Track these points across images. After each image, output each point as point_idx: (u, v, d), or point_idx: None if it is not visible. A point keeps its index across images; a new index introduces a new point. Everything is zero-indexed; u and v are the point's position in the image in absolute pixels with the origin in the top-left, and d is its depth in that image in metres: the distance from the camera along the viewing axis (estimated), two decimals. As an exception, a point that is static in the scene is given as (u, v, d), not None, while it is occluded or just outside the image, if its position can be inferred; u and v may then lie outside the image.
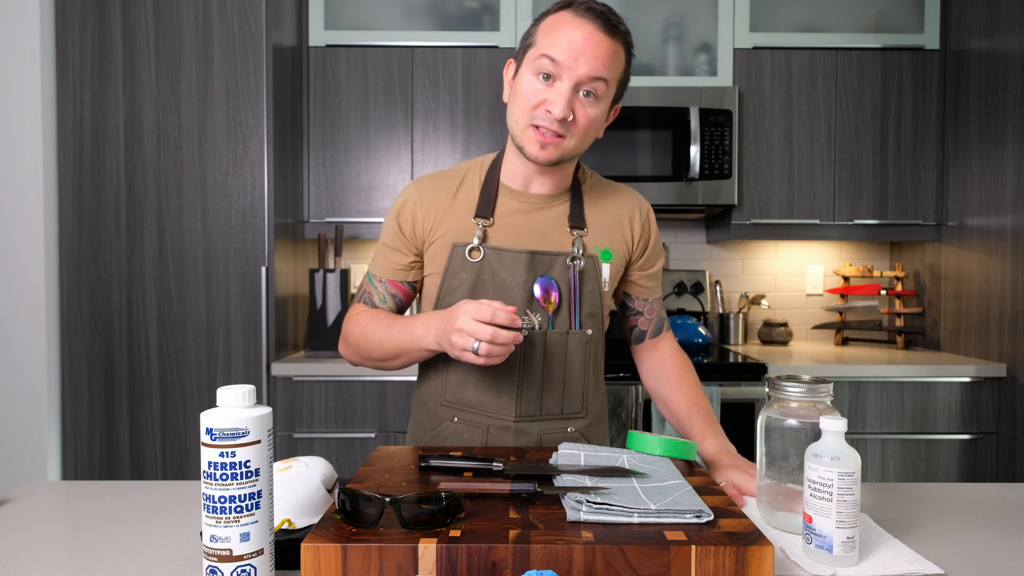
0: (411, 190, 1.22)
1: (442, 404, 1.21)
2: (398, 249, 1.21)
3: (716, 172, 2.51)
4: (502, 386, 1.16)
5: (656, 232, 1.28)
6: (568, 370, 1.19)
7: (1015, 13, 2.26)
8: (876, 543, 0.85)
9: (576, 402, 1.21)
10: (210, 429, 0.68)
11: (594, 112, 1.09)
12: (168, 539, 0.89)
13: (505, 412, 1.17)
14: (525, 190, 1.19)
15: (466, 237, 1.17)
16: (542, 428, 1.18)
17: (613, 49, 1.07)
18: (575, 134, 1.09)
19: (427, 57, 2.56)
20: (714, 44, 2.61)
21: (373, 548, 0.69)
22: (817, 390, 0.86)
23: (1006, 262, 2.30)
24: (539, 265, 1.16)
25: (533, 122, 1.08)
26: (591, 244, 1.20)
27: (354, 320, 1.21)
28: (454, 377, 1.19)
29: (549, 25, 1.09)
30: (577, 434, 1.21)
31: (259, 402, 2.21)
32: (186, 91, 2.25)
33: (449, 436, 1.20)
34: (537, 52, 1.08)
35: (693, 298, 2.86)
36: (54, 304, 2.24)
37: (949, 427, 2.34)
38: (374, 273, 1.24)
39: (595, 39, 1.05)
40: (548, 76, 1.07)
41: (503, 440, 1.17)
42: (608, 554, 0.69)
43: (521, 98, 1.09)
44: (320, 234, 2.56)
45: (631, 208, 1.25)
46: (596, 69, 1.05)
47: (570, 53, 1.04)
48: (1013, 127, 2.27)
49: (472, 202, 1.19)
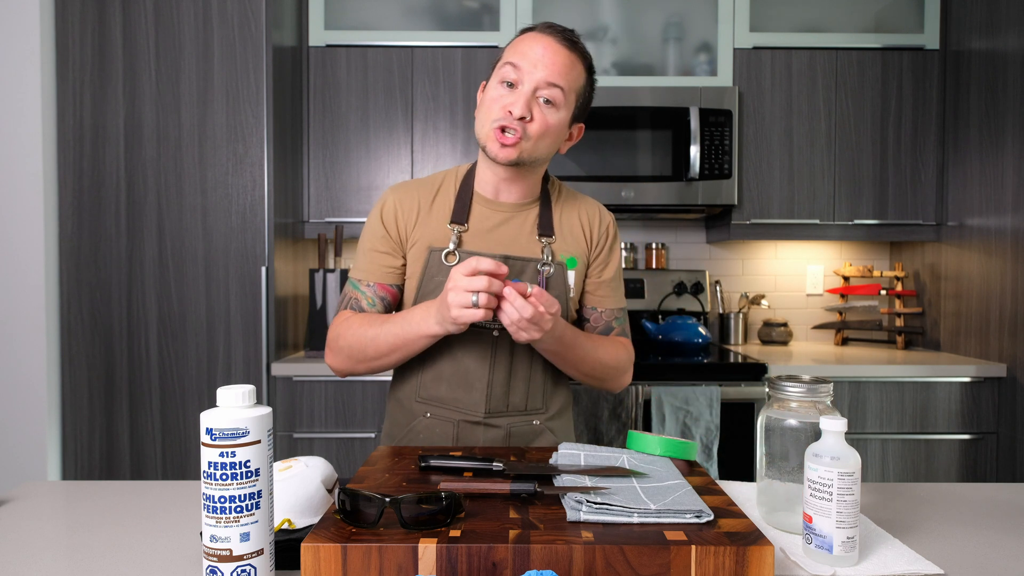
0: (390, 194, 1.27)
1: (416, 400, 1.26)
2: (387, 252, 1.25)
3: (716, 172, 2.51)
4: (473, 383, 1.22)
5: (614, 245, 1.33)
6: (532, 370, 1.26)
7: (1015, 13, 2.26)
8: (876, 543, 0.85)
9: (537, 399, 1.28)
10: (210, 429, 0.68)
11: (552, 119, 1.17)
12: (168, 539, 0.89)
13: (475, 408, 1.23)
14: (495, 198, 1.26)
15: (442, 242, 1.23)
16: (509, 422, 1.25)
17: (570, 61, 1.17)
18: (532, 136, 1.16)
19: (427, 57, 2.56)
20: (714, 44, 2.61)
21: (373, 548, 0.69)
22: (817, 390, 0.87)
23: (1006, 262, 2.30)
24: (512, 269, 1.21)
25: (495, 125, 1.15)
26: (558, 251, 1.26)
27: (344, 325, 1.23)
28: (429, 375, 1.25)
29: (515, 42, 1.20)
30: (542, 427, 1.28)
31: (259, 402, 2.22)
32: (186, 91, 2.25)
33: (422, 431, 1.25)
34: (502, 62, 1.19)
35: (693, 298, 2.86)
36: (54, 304, 2.24)
37: (949, 427, 2.34)
38: (359, 278, 1.26)
39: (553, 49, 1.15)
40: (511, 84, 1.16)
41: (473, 433, 1.24)
42: (608, 554, 0.69)
43: (487, 105, 1.18)
44: (320, 234, 2.56)
45: (591, 217, 1.31)
46: (553, 75, 1.14)
47: (529, 60, 1.15)
48: (1013, 127, 2.27)
49: (448, 209, 1.25)
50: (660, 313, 2.84)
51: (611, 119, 2.50)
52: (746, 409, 2.29)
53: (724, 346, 2.84)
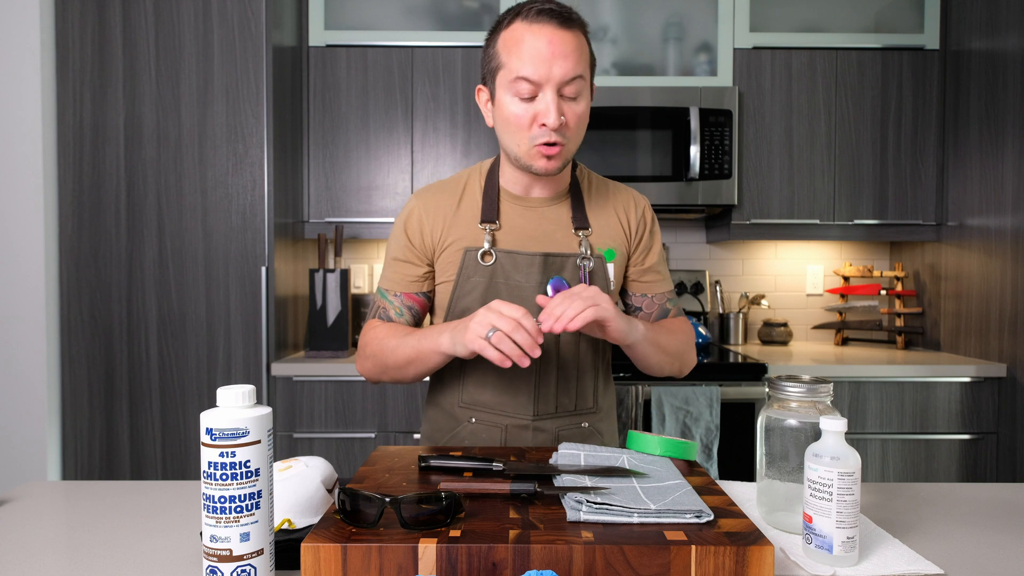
0: (414, 202, 1.23)
1: (459, 406, 1.23)
2: (410, 261, 1.22)
3: (716, 172, 2.51)
4: (519, 386, 1.19)
5: (653, 229, 1.28)
6: (580, 368, 1.22)
7: (1015, 13, 2.26)
8: (876, 543, 0.85)
9: (588, 398, 1.24)
10: (210, 429, 0.68)
11: (580, 108, 1.11)
12: (168, 539, 0.89)
13: (523, 411, 1.19)
14: (526, 195, 1.22)
15: (476, 242, 1.18)
16: (558, 425, 1.21)
17: (577, 43, 1.08)
18: (571, 136, 1.12)
19: (427, 57, 2.56)
20: (714, 44, 2.61)
21: (373, 548, 0.69)
22: (817, 390, 0.87)
23: (1006, 262, 2.30)
24: (552, 267, 1.18)
25: (535, 142, 1.10)
26: (595, 244, 1.22)
27: (372, 332, 1.22)
28: (471, 380, 1.21)
29: (508, 41, 1.09)
30: (591, 429, 1.24)
31: (259, 402, 2.22)
32: (186, 91, 2.25)
33: (468, 437, 1.22)
34: (509, 75, 1.08)
35: (693, 298, 2.86)
36: (54, 304, 2.24)
37: (949, 427, 2.34)
38: (387, 288, 1.25)
39: (558, 39, 1.06)
40: (530, 95, 1.08)
41: (522, 438, 1.20)
42: (608, 554, 0.69)
43: (513, 124, 1.11)
44: (320, 234, 2.56)
45: (627, 205, 1.26)
46: (570, 70, 1.07)
47: (541, 65, 1.05)
48: (1013, 127, 2.27)
49: (476, 208, 1.21)
50: (660, 313, 2.83)
51: (611, 119, 2.50)
52: (746, 409, 2.29)
53: (724, 346, 2.84)
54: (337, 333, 2.44)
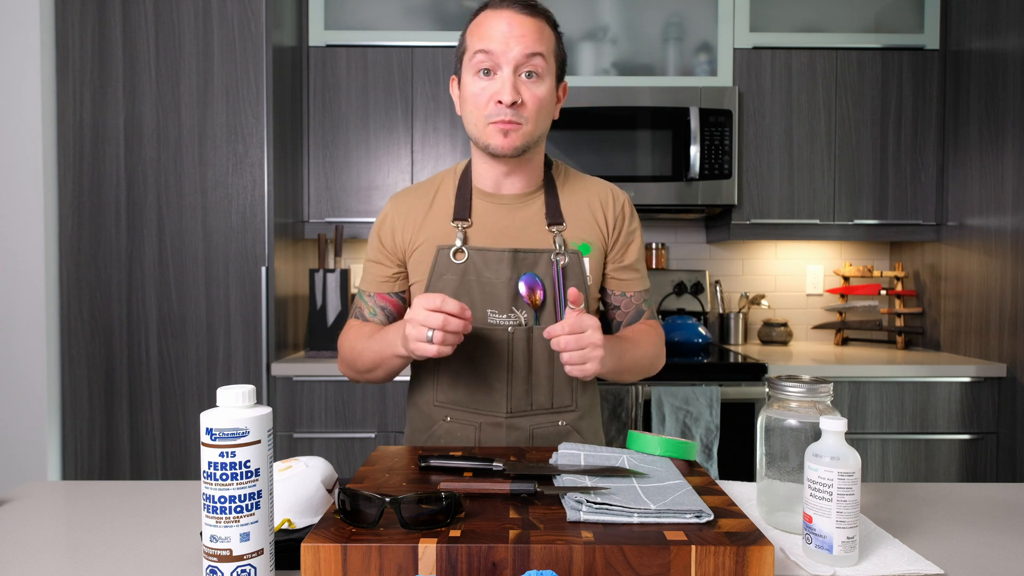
0: (388, 206, 1.26)
1: (435, 404, 1.23)
2: (381, 262, 1.25)
3: (716, 172, 2.51)
4: (493, 383, 1.19)
5: (632, 223, 1.26)
6: (556, 365, 1.20)
7: (1015, 13, 2.26)
8: (876, 543, 0.85)
9: (565, 396, 1.22)
10: (210, 429, 0.68)
11: (541, 91, 1.13)
12: (168, 539, 0.89)
13: (496, 409, 1.19)
14: (497, 191, 1.22)
15: (448, 240, 1.19)
16: (533, 423, 1.20)
17: (538, 26, 1.12)
18: (529, 117, 1.13)
19: (427, 57, 2.56)
20: (714, 44, 2.61)
21: (373, 548, 0.69)
22: (817, 390, 0.87)
23: (1006, 262, 2.30)
24: (523, 263, 1.18)
25: (490, 120, 1.12)
26: (570, 239, 1.21)
27: (345, 335, 1.25)
28: (445, 377, 1.21)
29: (473, 26, 1.15)
30: (568, 428, 1.22)
31: (259, 402, 2.22)
32: (186, 91, 2.25)
33: (443, 435, 1.22)
34: (471, 52, 1.13)
35: (693, 298, 2.86)
36: (54, 304, 2.24)
37: (949, 427, 2.34)
38: (363, 289, 1.28)
39: (517, 20, 1.11)
40: (488, 71, 1.11)
41: (496, 436, 1.19)
42: (608, 554, 0.69)
43: (471, 101, 1.14)
44: (320, 234, 2.56)
45: (604, 199, 1.25)
46: (528, 46, 1.10)
47: (499, 40, 1.10)
48: (1013, 127, 2.27)
49: (449, 208, 1.22)
50: (660, 313, 2.84)
51: (611, 119, 2.50)
52: (746, 409, 2.29)
53: (724, 346, 2.83)
54: (337, 333, 2.44)
